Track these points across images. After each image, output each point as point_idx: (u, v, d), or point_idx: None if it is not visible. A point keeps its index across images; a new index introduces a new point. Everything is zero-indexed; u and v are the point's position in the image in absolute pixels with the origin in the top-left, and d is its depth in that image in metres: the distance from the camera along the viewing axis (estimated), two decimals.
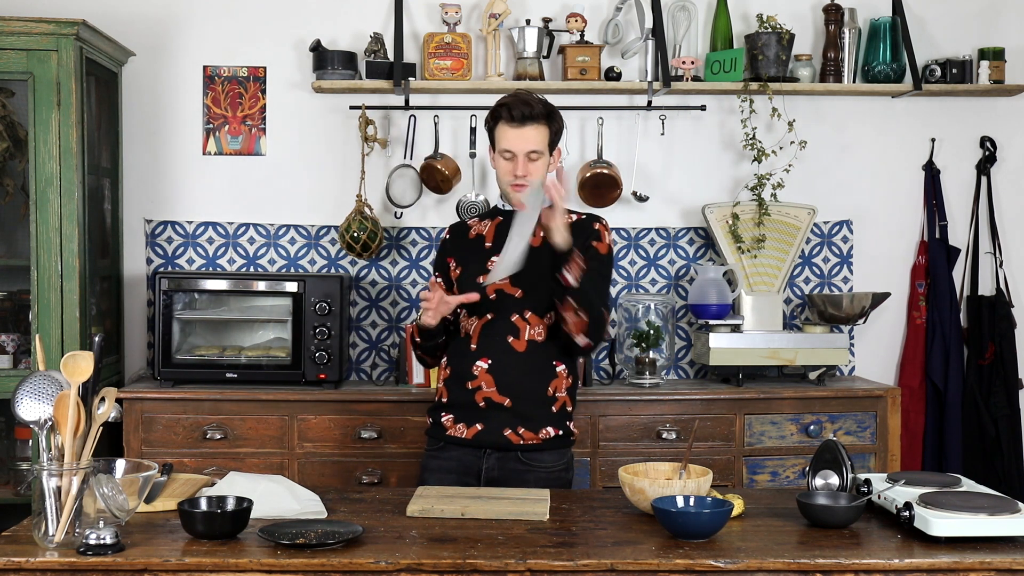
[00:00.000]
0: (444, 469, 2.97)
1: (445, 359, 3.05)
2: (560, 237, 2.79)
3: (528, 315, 2.95)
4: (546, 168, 2.96)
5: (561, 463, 2.99)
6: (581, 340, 2.89)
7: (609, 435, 3.95)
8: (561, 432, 2.98)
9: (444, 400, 3.01)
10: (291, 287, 4.00)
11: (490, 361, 2.93)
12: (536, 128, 2.92)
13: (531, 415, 2.94)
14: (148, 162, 4.34)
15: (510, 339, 2.93)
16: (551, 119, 2.96)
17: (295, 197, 4.37)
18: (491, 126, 2.98)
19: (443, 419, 3.00)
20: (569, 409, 3.01)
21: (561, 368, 2.98)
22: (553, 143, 2.98)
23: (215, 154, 4.35)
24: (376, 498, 2.73)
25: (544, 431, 2.95)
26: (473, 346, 2.96)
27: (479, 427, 2.94)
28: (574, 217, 3.04)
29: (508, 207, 3.02)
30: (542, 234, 2.94)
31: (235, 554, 2.20)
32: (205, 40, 4.34)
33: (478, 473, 2.95)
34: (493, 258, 2.95)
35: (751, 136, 4.29)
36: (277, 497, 2.55)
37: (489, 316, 2.96)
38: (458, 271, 3.04)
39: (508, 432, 2.93)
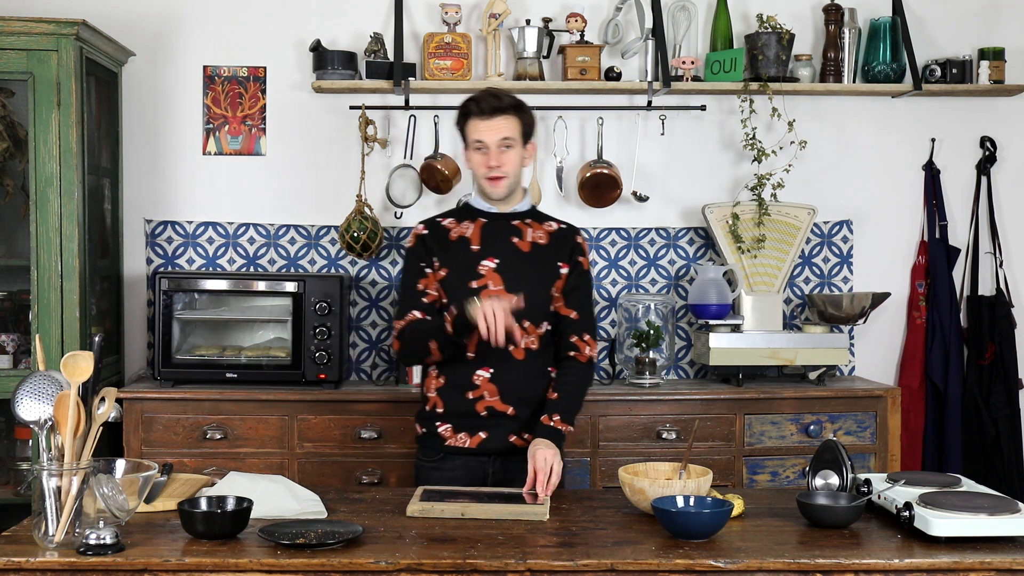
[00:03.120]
0: (448, 480, 2.94)
1: (435, 367, 2.99)
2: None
3: (526, 324, 2.93)
4: (519, 160, 2.96)
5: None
6: None
7: (609, 435, 3.95)
8: None
9: (440, 410, 2.98)
10: (291, 287, 4.00)
11: (492, 371, 2.92)
12: (506, 118, 2.92)
13: (533, 420, 2.93)
14: (148, 162, 4.34)
15: (509, 348, 2.91)
16: (520, 111, 2.96)
17: (295, 197, 4.37)
18: (462, 123, 2.97)
19: (440, 429, 2.97)
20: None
21: (555, 374, 3.00)
22: (526, 135, 2.97)
23: (215, 154, 4.35)
24: (376, 498, 2.73)
25: None
26: (470, 355, 2.92)
27: (483, 435, 2.93)
28: (554, 226, 3.05)
29: (483, 206, 3.01)
30: (530, 239, 2.98)
31: (235, 554, 2.20)
32: (205, 40, 4.33)
33: (484, 478, 2.95)
34: (483, 262, 2.94)
35: (751, 136, 4.29)
36: (277, 497, 2.55)
37: None
38: (443, 272, 2.97)
39: (513, 438, 2.94)
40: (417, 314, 2.96)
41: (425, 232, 3.03)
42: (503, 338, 2.72)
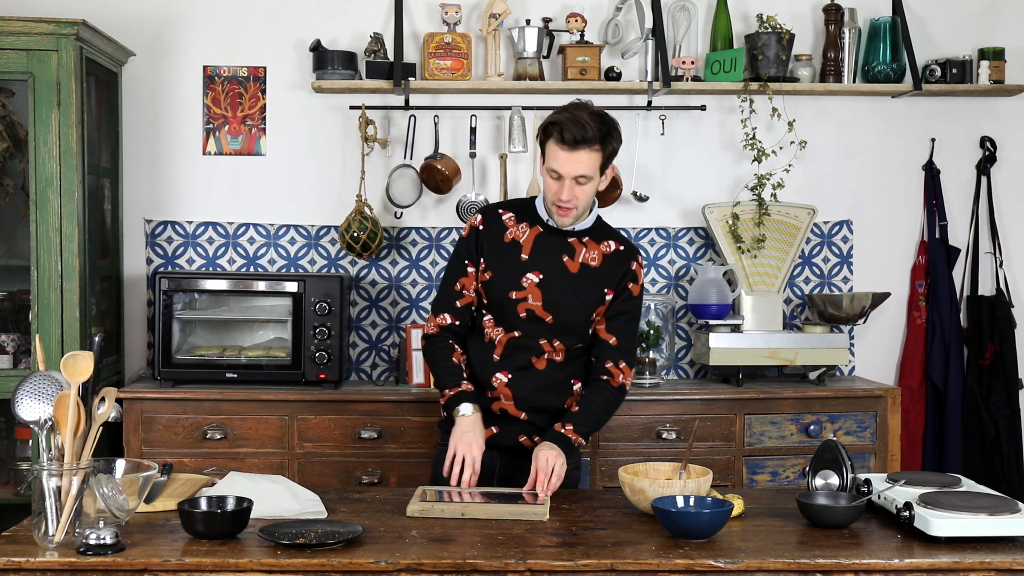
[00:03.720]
0: None
1: (467, 356, 2.97)
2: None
3: (556, 343, 2.91)
4: (594, 190, 2.85)
5: (572, 462, 2.98)
6: None
7: (609, 435, 3.95)
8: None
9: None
10: (291, 287, 4.00)
11: (509, 376, 2.91)
12: (588, 152, 2.76)
13: (545, 426, 2.93)
14: (148, 162, 4.34)
15: (533, 359, 2.91)
16: (605, 142, 2.79)
17: (295, 197, 4.37)
18: (542, 139, 2.84)
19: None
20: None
21: (577, 387, 2.97)
22: (606, 164, 2.84)
23: (215, 154, 4.35)
24: (376, 498, 2.73)
25: None
26: (496, 356, 2.92)
27: (494, 430, 2.93)
28: (612, 246, 2.94)
29: (545, 215, 2.91)
30: (580, 260, 2.90)
31: (235, 554, 2.20)
32: (205, 40, 4.33)
33: (492, 471, 2.94)
34: (528, 274, 2.87)
35: (751, 136, 4.29)
36: (277, 497, 2.55)
37: (516, 333, 2.90)
38: (487, 275, 2.90)
39: (523, 438, 2.94)
40: (448, 318, 2.93)
41: (480, 227, 2.94)
42: (456, 482, 2.74)
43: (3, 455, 4.01)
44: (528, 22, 4.27)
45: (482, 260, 2.92)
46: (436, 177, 4.24)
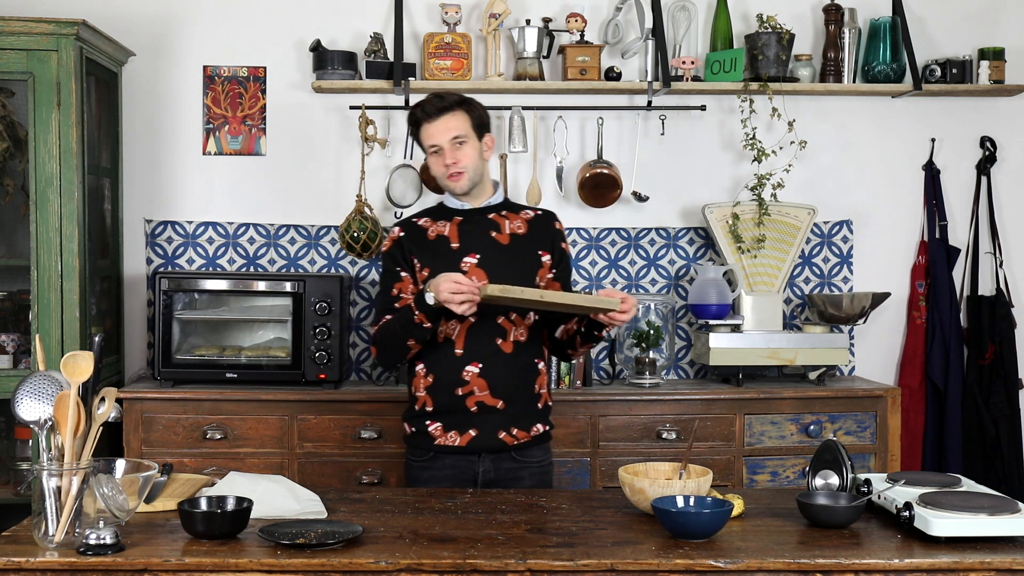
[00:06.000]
0: (437, 479, 2.95)
1: (423, 365, 2.97)
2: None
3: (513, 316, 2.95)
4: (477, 153, 2.96)
5: (548, 458, 3.06)
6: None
7: (609, 435, 3.95)
8: (548, 427, 3.05)
9: (429, 409, 2.96)
10: (291, 287, 4.00)
11: (481, 365, 2.91)
12: (453, 115, 2.93)
13: (522, 414, 2.96)
14: (148, 162, 4.34)
15: (498, 341, 2.93)
16: (468, 105, 2.96)
17: (295, 197, 4.37)
18: (415, 133, 2.98)
19: (430, 428, 2.96)
20: (550, 404, 3.08)
21: (542, 365, 3.03)
22: (479, 127, 2.97)
23: (215, 154, 4.35)
24: (376, 498, 2.73)
25: (534, 428, 2.99)
26: (459, 351, 2.92)
27: (472, 433, 2.93)
28: (530, 213, 3.07)
29: (456, 204, 3.02)
30: (507, 231, 3.00)
31: (235, 554, 2.20)
32: (205, 40, 4.34)
33: (474, 477, 2.95)
34: (465, 258, 2.93)
35: (751, 136, 4.29)
36: (277, 497, 2.55)
37: (472, 319, 2.91)
38: (425, 272, 2.95)
39: (503, 435, 2.94)
40: (389, 318, 2.95)
41: (401, 235, 3.02)
42: (477, 296, 2.74)
43: (3, 455, 4.01)
44: (528, 22, 4.28)
45: (416, 261, 2.97)
46: None
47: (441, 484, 2.93)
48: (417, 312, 2.82)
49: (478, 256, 2.95)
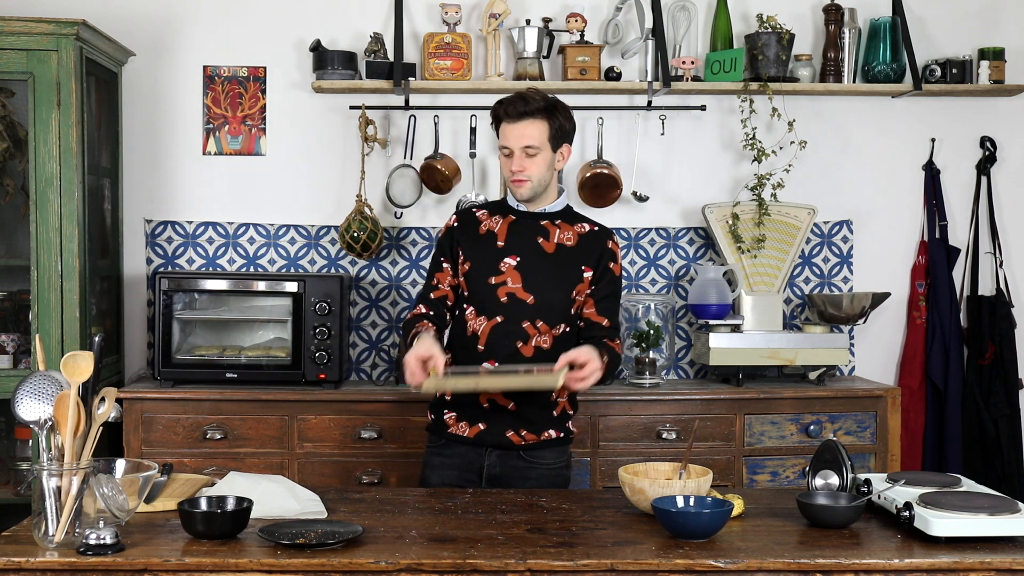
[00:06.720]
0: (446, 466, 2.99)
1: (450, 356, 3.00)
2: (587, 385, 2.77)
3: (539, 324, 2.94)
4: (547, 164, 2.93)
5: (561, 460, 3.02)
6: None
7: (609, 435, 3.95)
8: (562, 434, 3.01)
9: (447, 398, 3.01)
10: (291, 287, 4.00)
11: (496, 364, 2.92)
12: (532, 123, 2.89)
13: (534, 418, 2.95)
14: (148, 162, 4.34)
15: (519, 344, 2.93)
16: (551, 114, 2.91)
17: (295, 197, 4.37)
18: (496, 127, 2.97)
19: (445, 416, 3.00)
20: (570, 412, 3.04)
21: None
22: (556, 138, 2.93)
23: (215, 154, 4.35)
24: (376, 498, 2.73)
25: (546, 433, 2.97)
26: (480, 347, 2.94)
27: (481, 427, 2.95)
28: (586, 228, 3.02)
29: (515, 204, 3.01)
30: (555, 241, 2.97)
31: (235, 554, 2.20)
32: (205, 40, 4.34)
33: (480, 470, 2.96)
34: (505, 259, 2.95)
35: (751, 136, 4.29)
36: (277, 497, 2.55)
37: (499, 319, 2.93)
38: (467, 266, 2.99)
39: (510, 433, 2.94)
40: (423, 308, 3.00)
41: (455, 224, 3.05)
42: (420, 385, 2.72)
43: (3, 455, 4.01)
44: (528, 22, 4.28)
45: (460, 253, 3.00)
46: (436, 177, 4.24)
47: (449, 471, 2.97)
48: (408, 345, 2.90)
49: (519, 259, 2.95)
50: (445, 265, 3.02)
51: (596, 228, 3.04)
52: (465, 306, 2.99)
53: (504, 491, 2.81)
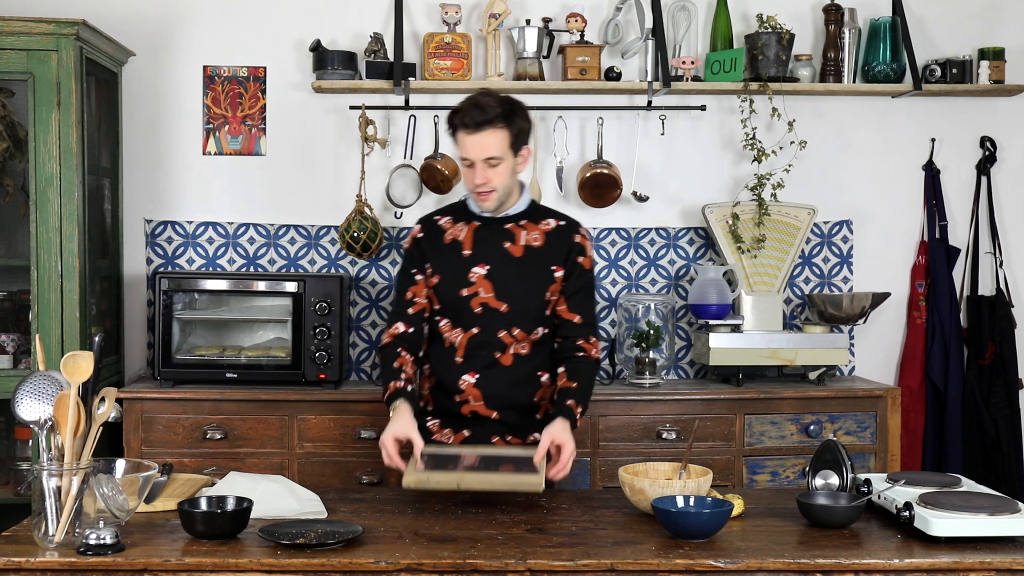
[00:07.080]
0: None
1: (428, 367, 3.00)
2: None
3: (516, 332, 2.92)
4: (510, 172, 2.87)
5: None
6: None
7: (609, 435, 3.95)
8: None
9: (430, 408, 3.00)
10: (291, 287, 4.00)
11: (477, 376, 2.91)
12: (492, 132, 2.79)
13: (518, 424, 2.95)
14: (148, 162, 4.34)
15: (496, 354, 2.91)
16: (510, 120, 2.82)
17: (295, 197, 4.37)
18: (451, 132, 2.87)
19: (428, 424, 2.99)
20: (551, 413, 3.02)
21: (545, 378, 2.98)
22: (517, 143, 2.86)
23: (215, 154, 4.35)
24: (376, 498, 2.73)
25: (531, 437, 2.96)
26: (459, 359, 2.92)
27: (466, 433, 2.95)
28: (551, 224, 2.97)
29: (477, 209, 2.95)
30: (523, 243, 2.93)
31: (235, 554, 2.20)
32: (205, 40, 4.33)
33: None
34: (474, 268, 2.90)
35: (751, 136, 4.29)
36: (277, 497, 2.55)
37: (475, 330, 2.91)
38: (435, 279, 2.94)
39: (496, 439, 2.95)
40: (401, 327, 2.95)
41: (420, 235, 3.00)
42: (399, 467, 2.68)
43: (3, 455, 4.01)
44: (528, 22, 4.28)
45: (427, 266, 2.95)
46: (436, 177, 4.24)
47: None
48: (384, 399, 2.85)
49: (488, 267, 2.91)
50: (418, 278, 2.96)
51: (562, 223, 2.99)
52: (439, 317, 2.95)
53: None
